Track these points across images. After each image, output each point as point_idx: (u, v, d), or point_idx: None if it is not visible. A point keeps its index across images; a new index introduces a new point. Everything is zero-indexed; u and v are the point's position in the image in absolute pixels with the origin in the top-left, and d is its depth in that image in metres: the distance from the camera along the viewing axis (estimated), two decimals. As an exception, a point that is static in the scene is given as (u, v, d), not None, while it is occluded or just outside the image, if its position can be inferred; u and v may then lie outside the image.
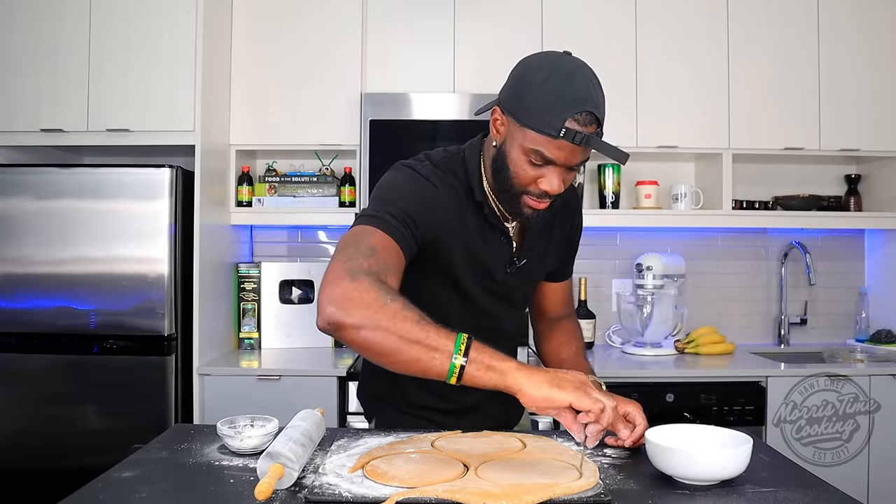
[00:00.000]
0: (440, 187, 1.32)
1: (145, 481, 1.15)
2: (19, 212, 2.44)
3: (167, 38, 2.53)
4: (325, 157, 3.00)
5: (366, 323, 1.06)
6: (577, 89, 1.18)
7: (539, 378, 1.06)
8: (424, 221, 1.27)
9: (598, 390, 1.10)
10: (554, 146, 1.20)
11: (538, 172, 1.24)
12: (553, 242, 1.51)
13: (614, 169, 2.95)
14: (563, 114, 1.17)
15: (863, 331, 3.11)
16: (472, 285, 1.40)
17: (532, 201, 1.28)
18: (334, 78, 2.81)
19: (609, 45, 2.84)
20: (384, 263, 1.16)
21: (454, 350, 1.05)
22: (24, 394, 2.43)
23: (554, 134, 1.18)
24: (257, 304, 2.91)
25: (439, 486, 1.04)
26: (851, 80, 2.87)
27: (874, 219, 2.98)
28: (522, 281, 1.48)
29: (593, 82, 1.22)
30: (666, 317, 2.88)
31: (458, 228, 1.34)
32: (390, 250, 1.20)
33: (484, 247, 1.38)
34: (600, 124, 1.21)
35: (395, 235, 1.21)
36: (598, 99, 1.21)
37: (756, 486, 1.12)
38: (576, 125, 1.17)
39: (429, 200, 1.30)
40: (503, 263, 1.41)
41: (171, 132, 2.53)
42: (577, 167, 1.25)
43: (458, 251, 1.35)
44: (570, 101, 1.18)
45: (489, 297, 1.43)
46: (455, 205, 1.34)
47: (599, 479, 1.10)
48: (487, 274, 1.40)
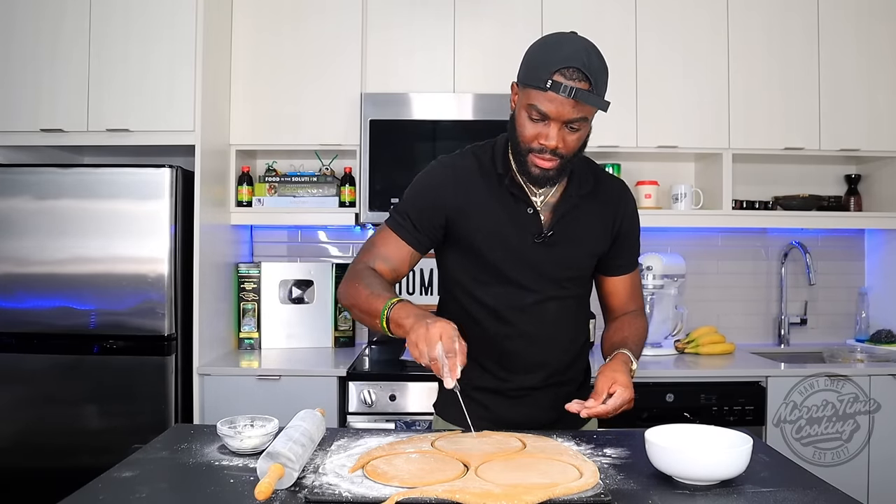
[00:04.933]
0: (457, 170, 1.50)
1: (145, 481, 1.15)
2: (19, 212, 2.44)
3: (167, 38, 2.53)
4: (325, 157, 3.00)
5: (348, 304, 1.45)
6: (566, 50, 1.32)
7: (408, 322, 1.30)
8: (431, 206, 1.48)
9: (429, 341, 1.24)
10: (545, 98, 1.32)
11: (538, 129, 1.36)
12: (591, 224, 1.52)
13: (614, 169, 2.95)
14: (551, 67, 1.31)
15: (863, 331, 3.11)
16: (499, 258, 1.48)
17: (538, 159, 1.39)
18: (334, 78, 2.81)
19: (609, 45, 2.79)
20: (377, 254, 1.49)
21: (381, 314, 1.35)
22: (24, 394, 2.43)
23: (542, 86, 1.31)
24: (257, 304, 2.91)
25: (439, 486, 1.04)
26: (851, 80, 2.87)
27: (874, 219, 2.98)
28: (557, 257, 1.50)
29: (587, 48, 1.34)
30: (666, 317, 2.88)
31: (478, 203, 1.48)
32: (388, 243, 1.50)
33: (507, 218, 1.47)
34: (592, 83, 1.31)
35: (398, 230, 1.50)
36: (589, 60, 1.32)
37: (756, 486, 1.12)
38: (562, 79, 1.30)
39: (437, 185, 1.50)
40: (531, 234, 1.47)
41: (171, 132, 2.53)
42: (574, 124, 1.35)
43: (479, 223, 1.48)
44: (558, 58, 1.31)
45: (524, 270, 1.49)
46: (474, 181, 1.49)
47: (599, 479, 1.10)
48: (514, 245, 1.47)
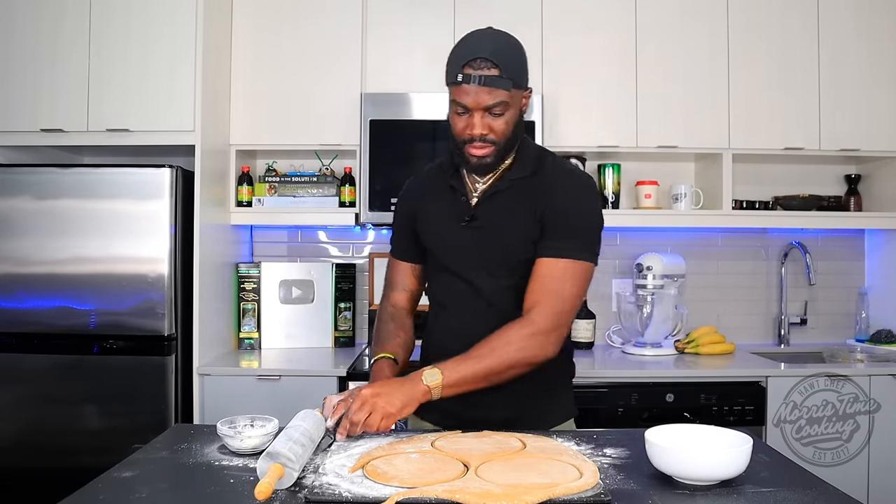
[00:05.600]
0: (418, 178, 1.70)
1: (145, 481, 1.15)
2: (19, 212, 2.44)
3: (167, 38, 2.53)
4: (325, 157, 3.00)
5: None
6: (473, 44, 1.45)
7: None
8: (403, 218, 1.68)
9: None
10: (462, 92, 1.43)
11: (465, 121, 1.47)
12: (519, 209, 1.51)
13: (614, 169, 2.95)
14: (461, 62, 1.43)
15: (863, 331, 3.11)
16: (433, 244, 1.61)
17: (472, 149, 1.48)
18: (334, 78, 2.81)
19: (609, 45, 2.84)
20: (389, 284, 1.73)
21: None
22: (24, 394, 2.43)
23: (456, 81, 1.43)
24: (257, 304, 2.91)
25: (439, 486, 1.04)
26: (851, 80, 2.87)
27: (874, 219, 2.98)
28: (482, 240, 1.52)
29: (493, 37, 1.46)
30: (666, 317, 2.88)
31: (429, 202, 1.62)
32: (392, 268, 1.73)
33: (445, 210, 1.58)
34: (502, 68, 1.42)
35: (397, 254, 1.72)
36: (496, 48, 1.43)
37: (756, 486, 1.12)
38: (471, 70, 1.42)
39: (403, 198, 1.71)
40: (459, 219, 1.55)
41: (171, 132, 2.53)
42: (495, 110, 1.44)
43: (427, 220, 1.62)
44: (466, 52, 1.44)
45: (452, 255, 1.57)
46: (430, 185, 1.64)
47: (599, 479, 1.10)
48: (445, 231, 1.57)
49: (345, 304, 3.01)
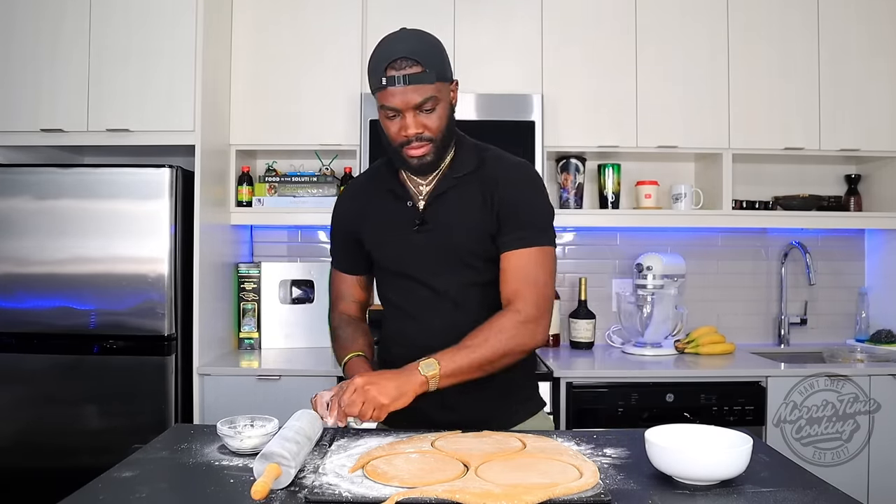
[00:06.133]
0: (351, 190, 1.68)
1: (145, 481, 1.15)
2: (19, 212, 2.44)
3: (167, 37, 2.53)
4: (325, 157, 3.00)
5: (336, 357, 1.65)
6: (390, 46, 1.43)
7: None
8: (342, 233, 1.66)
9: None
10: (388, 95, 1.41)
11: (397, 124, 1.44)
12: (469, 205, 1.51)
13: (614, 169, 2.95)
14: (382, 65, 1.41)
15: (863, 331, 3.11)
16: (387, 255, 1.58)
17: (410, 150, 1.46)
18: (334, 78, 2.81)
19: (609, 45, 2.84)
20: (336, 296, 1.71)
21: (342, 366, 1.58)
22: (24, 394, 2.43)
23: (381, 85, 1.41)
24: (257, 304, 2.91)
25: (439, 486, 1.04)
26: (851, 80, 2.87)
27: (874, 219, 2.98)
28: (437, 242, 1.51)
29: (409, 36, 1.44)
30: (666, 317, 2.87)
31: (369, 213, 1.60)
32: (337, 281, 1.71)
33: (391, 217, 1.56)
34: (424, 64, 1.40)
35: (336, 265, 1.71)
36: (414, 46, 1.41)
37: (756, 486, 1.12)
38: (394, 71, 1.40)
39: (338, 213, 1.67)
40: (409, 224, 1.53)
41: (171, 132, 2.53)
42: (426, 106, 1.42)
43: (371, 231, 1.59)
44: (385, 55, 1.42)
45: (411, 261, 1.54)
46: (366, 195, 1.62)
47: (599, 479, 1.10)
48: (398, 239, 1.54)
49: (345, 304, 3.01)
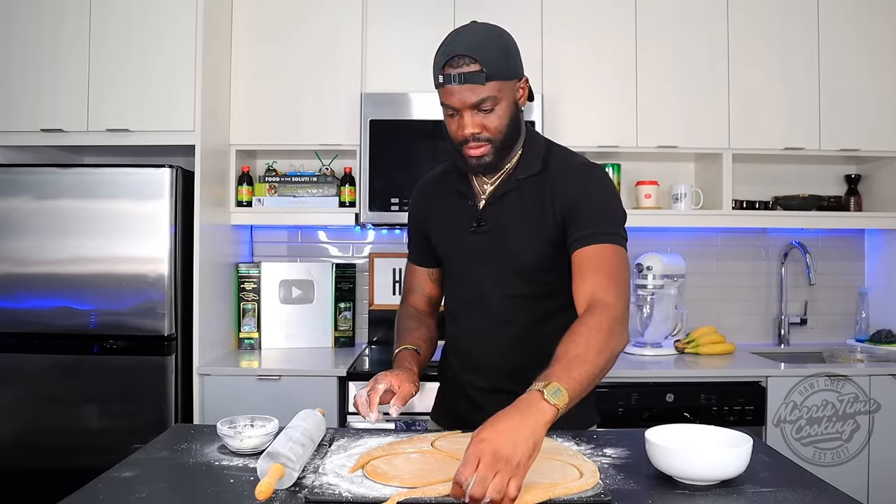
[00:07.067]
0: (423, 185, 1.65)
1: (145, 481, 1.15)
2: (19, 212, 2.44)
3: (167, 37, 2.53)
4: (325, 157, 3.00)
5: None
6: (451, 43, 1.39)
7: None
8: (415, 225, 1.64)
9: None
10: (446, 93, 1.39)
11: (457, 123, 1.41)
12: (530, 209, 1.44)
13: (614, 169, 2.95)
14: (441, 63, 1.38)
15: (863, 331, 3.11)
16: (445, 253, 1.57)
17: (469, 150, 1.42)
18: (334, 78, 2.81)
19: (609, 45, 2.84)
20: (407, 289, 1.69)
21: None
22: (24, 394, 2.43)
23: (440, 83, 1.39)
24: (257, 304, 2.91)
25: (439, 486, 1.04)
26: (851, 80, 2.87)
27: (874, 219, 2.98)
28: (493, 245, 1.46)
29: (472, 32, 1.41)
30: (666, 317, 2.88)
31: (436, 209, 1.58)
32: (409, 273, 1.69)
33: (453, 215, 1.54)
34: (482, 62, 1.35)
35: (410, 258, 1.69)
36: (473, 42, 1.37)
37: (756, 486, 1.12)
38: (451, 69, 1.36)
39: (413, 205, 1.66)
40: (468, 225, 1.50)
41: (171, 132, 2.53)
42: (484, 106, 1.38)
43: (436, 227, 1.58)
44: (444, 53, 1.38)
45: (464, 262, 1.53)
46: (436, 191, 1.59)
47: (599, 479, 1.10)
48: (455, 239, 1.53)
49: (345, 304, 3.01)
